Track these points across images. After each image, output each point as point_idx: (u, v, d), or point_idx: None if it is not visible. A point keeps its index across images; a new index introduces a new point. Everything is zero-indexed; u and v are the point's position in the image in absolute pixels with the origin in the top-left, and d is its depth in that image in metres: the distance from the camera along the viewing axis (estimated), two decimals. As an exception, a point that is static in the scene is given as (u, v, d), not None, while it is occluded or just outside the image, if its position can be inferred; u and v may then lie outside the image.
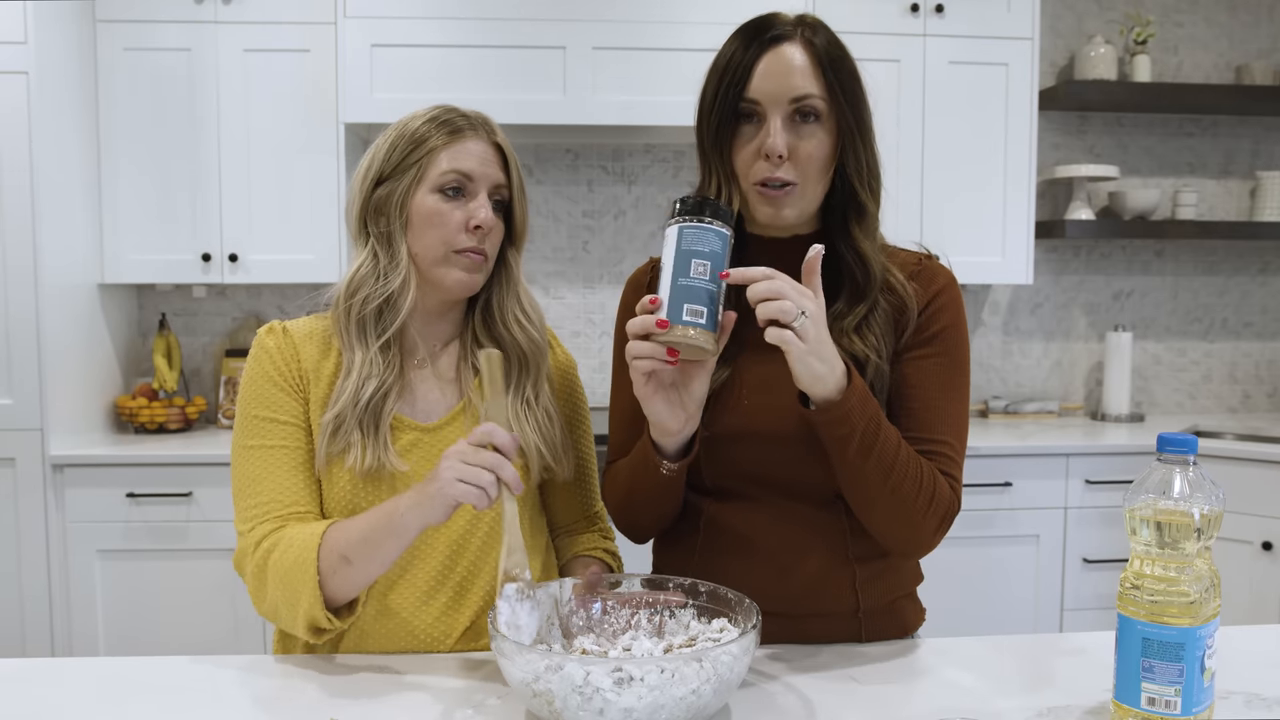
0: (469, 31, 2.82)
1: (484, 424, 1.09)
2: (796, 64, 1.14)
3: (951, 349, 1.20)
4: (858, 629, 1.26)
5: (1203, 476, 0.93)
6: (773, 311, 1.01)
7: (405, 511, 1.10)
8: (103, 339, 2.96)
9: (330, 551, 1.14)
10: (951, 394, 1.20)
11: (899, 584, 1.29)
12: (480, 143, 1.25)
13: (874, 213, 1.19)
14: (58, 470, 2.65)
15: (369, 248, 1.26)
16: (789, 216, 1.17)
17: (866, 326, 1.18)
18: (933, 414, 1.18)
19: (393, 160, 1.24)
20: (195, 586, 2.67)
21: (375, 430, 1.22)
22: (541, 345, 1.33)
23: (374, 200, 1.25)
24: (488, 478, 1.06)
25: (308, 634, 1.17)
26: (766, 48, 1.14)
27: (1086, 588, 2.92)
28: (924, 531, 1.16)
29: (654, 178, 3.32)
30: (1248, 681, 1.11)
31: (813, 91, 1.14)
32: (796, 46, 1.14)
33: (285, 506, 1.21)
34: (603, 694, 0.91)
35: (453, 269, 1.24)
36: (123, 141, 2.85)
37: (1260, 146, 3.51)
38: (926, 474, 1.14)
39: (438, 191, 1.23)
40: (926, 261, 1.24)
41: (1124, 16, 3.39)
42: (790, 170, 1.15)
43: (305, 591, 1.14)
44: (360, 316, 1.25)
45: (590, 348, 3.33)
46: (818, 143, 1.15)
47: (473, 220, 1.23)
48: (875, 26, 2.94)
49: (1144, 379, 3.54)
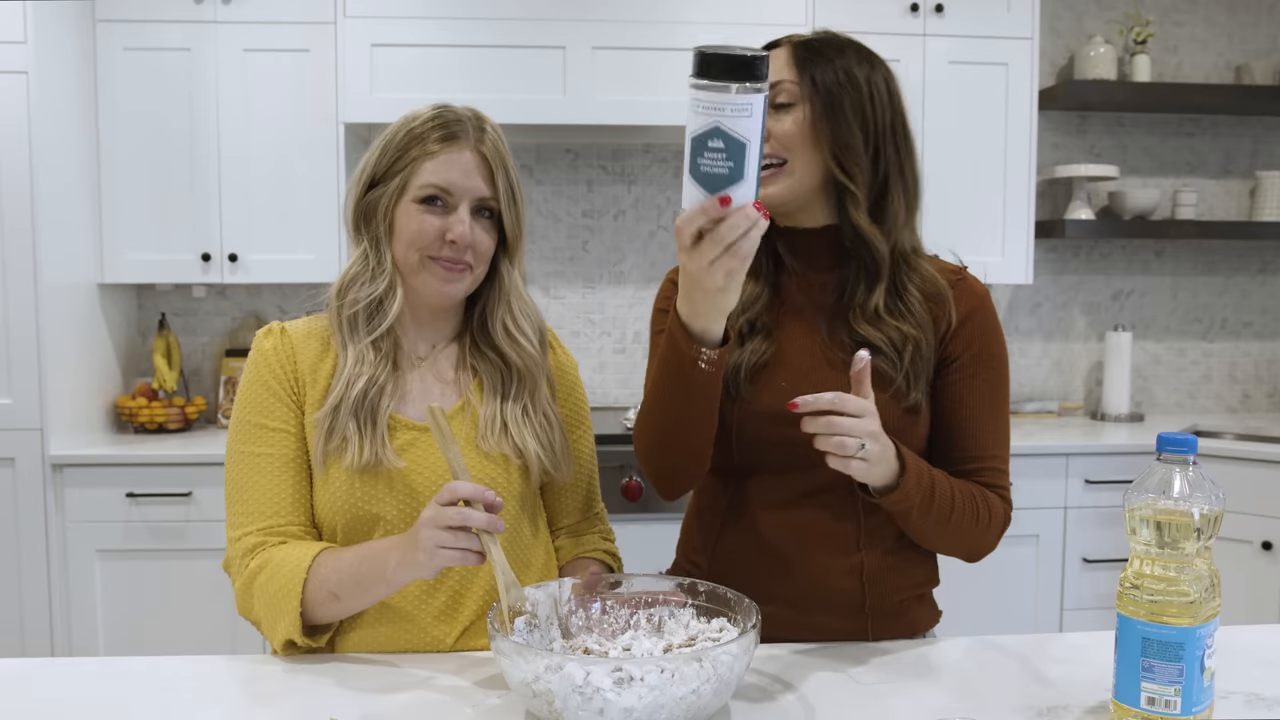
0: (469, 31, 2.82)
1: (449, 483, 1.09)
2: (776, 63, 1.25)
3: (998, 363, 1.27)
4: (864, 626, 1.27)
5: (1203, 476, 0.93)
6: (833, 446, 1.06)
7: (395, 567, 1.13)
8: (103, 339, 2.96)
9: (319, 584, 1.16)
10: (1000, 409, 1.27)
11: (910, 583, 1.31)
12: (466, 153, 1.24)
13: (855, 191, 1.23)
14: (57, 470, 2.65)
15: (361, 249, 1.28)
16: (778, 194, 1.24)
17: (896, 307, 1.24)
18: (985, 432, 1.26)
19: (382, 165, 1.26)
20: (195, 586, 2.67)
21: (373, 426, 1.22)
22: (536, 355, 1.33)
23: (365, 203, 1.27)
24: (467, 539, 1.08)
25: (283, 649, 1.21)
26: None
27: (1086, 588, 2.92)
28: (983, 547, 1.26)
29: (654, 178, 3.32)
30: (1248, 681, 1.11)
31: (782, 78, 1.23)
32: (779, 51, 1.26)
33: (270, 517, 1.23)
34: (603, 694, 0.91)
35: (430, 277, 1.25)
36: (123, 141, 2.85)
37: (1260, 146, 3.51)
38: (980, 503, 1.23)
39: (417, 202, 1.24)
40: (965, 274, 1.30)
41: (1124, 16, 3.39)
42: (775, 147, 1.23)
43: (286, 617, 1.17)
44: (353, 315, 1.26)
45: (590, 347, 3.33)
46: (790, 122, 1.22)
47: (449, 234, 1.23)
48: (875, 26, 2.94)
49: (1144, 379, 3.54)
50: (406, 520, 1.24)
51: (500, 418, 1.29)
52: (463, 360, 1.33)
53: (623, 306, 3.34)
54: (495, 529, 1.08)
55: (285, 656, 1.21)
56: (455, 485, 1.09)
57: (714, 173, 0.91)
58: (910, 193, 1.27)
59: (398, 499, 1.24)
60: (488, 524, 1.07)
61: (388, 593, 1.18)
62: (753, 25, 2.86)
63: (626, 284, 3.34)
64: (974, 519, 1.21)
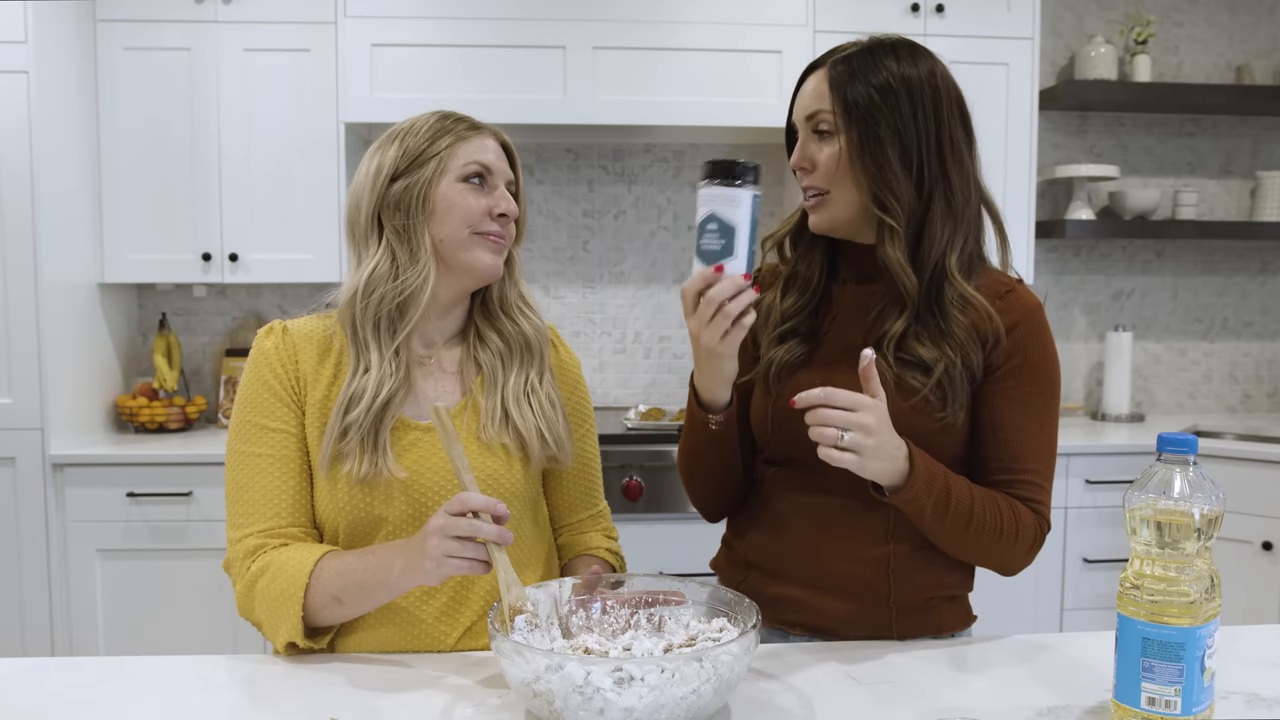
0: (469, 31, 2.82)
1: (459, 494, 1.10)
2: (812, 88, 1.27)
3: (1041, 379, 1.26)
4: (888, 618, 1.28)
5: (1203, 476, 0.93)
6: (815, 437, 1.12)
7: (400, 573, 1.13)
8: (103, 338, 2.96)
9: (322, 589, 1.17)
10: (1042, 422, 1.26)
11: (938, 583, 1.30)
12: (492, 140, 1.30)
13: (891, 224, 1.23)
14: (58, 470, 2.65)
15: (384, 246, 1.26)
16: (823, 221, 1.28)
17: (927, 335, 1.24)
18: (1021, 443, 1.25)
19: (408, 156, 1.26)
20: (195, 586, 2.67)
21: (375, 438, 1.22)
22: (543, 331, 1.36)
23: (390, 196, 1.26)
24: (474, 549, 1.08)
25: (284, 651, 1.21)
26: (803, 80, 1.30)
27: (1086, 588, 2.92)
28: (1014, 560, 1.26)
29: (654, 178, 3.32)
30: (1248, 681, 1.11)
31: (822, 108, 1.25)
32: (820, 73, 1.27)
33: (271, 519, 1.23)
34: (603, 694, 0.91)
35: (479, 251, 1.27)
36: (123, 141, 2.85)
37: (1260, 146, 3.51)
38: (1006, 514, 1.22)
39: (462, 181, 1.26)
40: (1017, 286, 1.30)
41: (1124, 16, 3.39)
42: (818, 178, 1.26)
43: (288, 621, 1.17)
44: (378, 316, 1.25)
45: (591, 347, 3.34)
46: (831, 153, 1.24)
47: (496, 208, 1.27)
48: (875, 26, 2.89)
49: (1144, 379, 3.54)
50: (409, 522, 1.24)
51: (501, 407, 1.29)
52: (467, 354, 1.34)
53: (623, 306, 3.34)
54: (504, 541, 1.08)
55: (286, 657, 1.21)
56: (466, 497, 1.09)
57: (711, 249, 1.12)
58: (957, 208, 1.25)
59: (400, 501, 1.24)
60: (497, 536, 1.08)
61: (391, 598, 1.19)
62: (753, 25, 2.86)
63: (627, 284, 3.34)
64: (997, 530, 1.21)
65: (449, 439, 1.12)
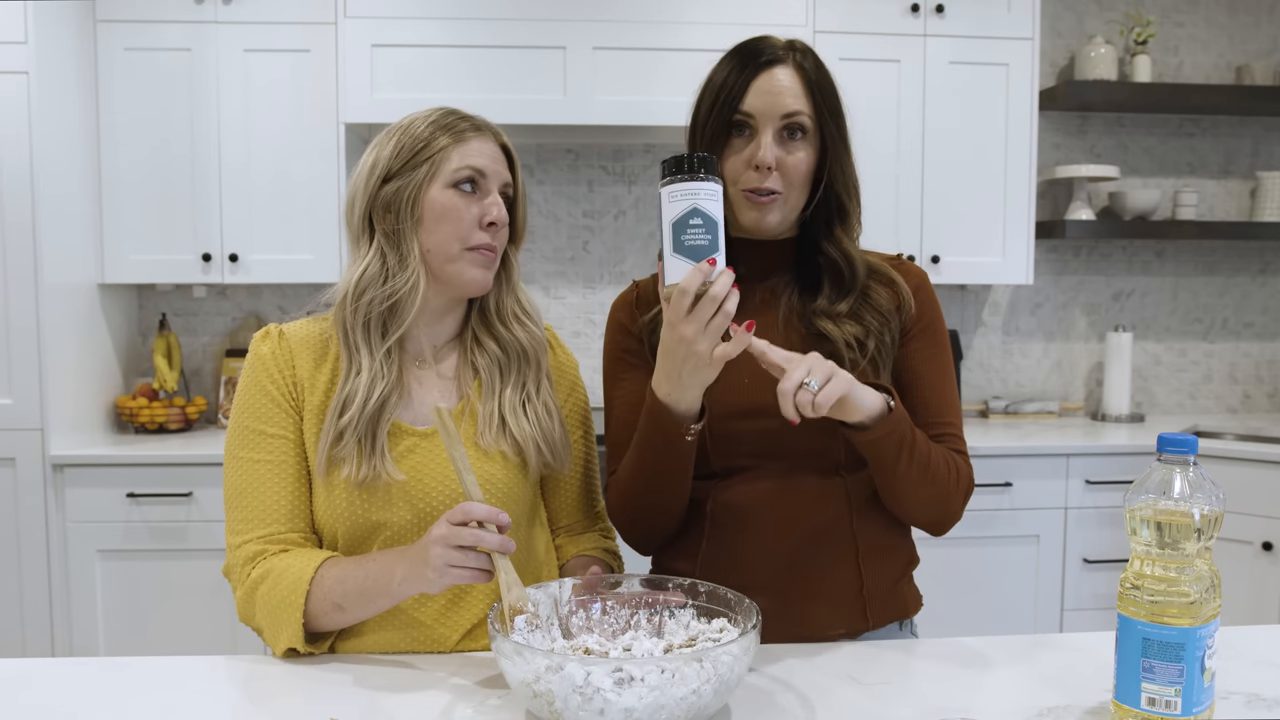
0: (469, 31, 2.82)
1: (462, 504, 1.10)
2: (786, 85, 1.24)
3: (942, 338, 1.33)
4: (862, 610, 1.28)
5: (1203, 476, 0.93)
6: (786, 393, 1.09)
7: (401, 581, 1.13)
8: (103, 339, 2.96)
9: (323, 596, 1.16)
10: (949, 377, 1.33)
11: (899, 563, 1.34)
12: (489, 142, 1.27)
13: (856, 217, 1.30)
14: (58, 470, 2.65)
15: (375, 247, 1.25)
16: (772, 222, 1.26)
17: (862, 313, 1.28)
18: (939, 400, 1.30)
19: (402, 156, 1.23)
20: (195, 586, 2.67)
21: (372, 441, 1.22)
22: (541, 340, 1.35)
23: (381, 197, 1.24)
24: (477, 558, 1.08)
25: (284, 656, 1.20)
26: (761, 69, 1.24)
27: (1086, 588, 2.92)
28: (955, 506, 1.29)
29: (654, 178, 3.32)
30: (1248, 681, 1.11)
31: (801, 110, 1.23)
32: (788, 69, 1.24)
33: (270, 524, 1.23)
34: (603, 694, 0.91)
35: (468, 266, 1.25)
36: (123, 142, 2.85)
37: (1260, 146, 3.51)
38: (950, 457, 1.26)
39: (452, 187, 1.23)
40: (904, 261, 1.36)
41: (1124, 16, 3.39)
42: (777, 180, 1.24)
43: (289, 628, 1.17)
44: (367, 319, 1.24)
45: (590, 348, 3.33)
46: (803, 156, 1.25)
47: (486, 216, 1.24)
48: (875, 26, 2.93)
49: (1144, 379, 3.54)
50: (408, 527, 1.24)
51: (498, 413, 1.29)
52: (464, 358, 1.33)
53: (623, 307, 3.34)
54: (507, 550, 1.08)
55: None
56: (469, 506, 1.08)
57: (698, 244, 1.08)
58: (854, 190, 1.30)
59: (399, 506, 1.24)
60: (500, 546, 1.08)
61: (392, 604, 1.18)
62: (753, 25, 2.83)
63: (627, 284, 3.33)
64: (949, 470, 1.24)
65: (451, 440, 1.11)
